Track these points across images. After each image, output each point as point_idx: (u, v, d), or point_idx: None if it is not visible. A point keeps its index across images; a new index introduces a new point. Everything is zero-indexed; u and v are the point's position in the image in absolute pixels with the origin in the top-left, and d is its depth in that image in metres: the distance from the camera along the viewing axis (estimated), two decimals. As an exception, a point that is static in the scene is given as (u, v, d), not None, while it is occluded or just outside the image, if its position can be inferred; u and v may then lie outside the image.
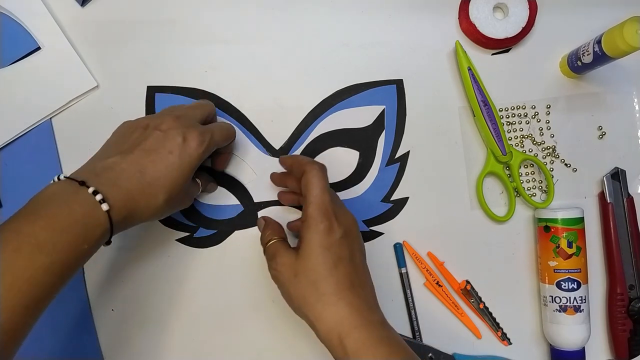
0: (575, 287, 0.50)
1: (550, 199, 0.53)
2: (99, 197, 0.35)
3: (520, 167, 0.54)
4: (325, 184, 0.42)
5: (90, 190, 0.35)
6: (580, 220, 0.51)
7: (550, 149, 0.55)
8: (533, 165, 0.55)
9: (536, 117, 0.55)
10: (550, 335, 0.51)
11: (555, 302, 0.50)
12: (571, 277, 0.50)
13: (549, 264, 0.51)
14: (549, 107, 0.55)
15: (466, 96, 0.53)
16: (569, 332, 0.50)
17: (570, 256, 0.50)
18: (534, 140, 0.55)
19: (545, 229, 0.51)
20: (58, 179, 0.37)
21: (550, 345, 0.52)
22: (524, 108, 0.55)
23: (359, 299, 0.40)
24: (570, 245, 0.50)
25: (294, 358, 0.52)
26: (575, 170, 0.55)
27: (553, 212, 0.51)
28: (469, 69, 0.52)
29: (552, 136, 0.55)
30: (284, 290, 0.42)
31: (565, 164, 0.55)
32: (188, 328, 0.52)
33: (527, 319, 0.54)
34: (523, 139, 0.55)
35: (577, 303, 0.50)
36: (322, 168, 0.43)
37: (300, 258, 0.41)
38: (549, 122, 0.55)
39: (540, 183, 0.55)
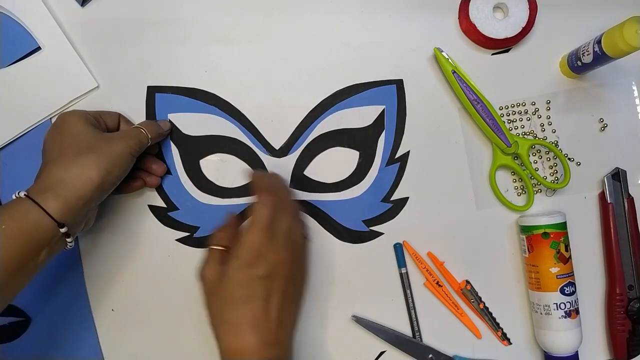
0: (573, 290, 0.50)
1: (567, 180, 0.52)
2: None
3: (529, 156, 0.54)
4: (266, 222, 0.42)
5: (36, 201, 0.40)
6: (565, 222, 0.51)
7: (553, 144, 0.55)
8: (541, 155, 0.55)
9: (536, 113, 0.55)
10: (549, 343, 0.50)
11: (561, 308, 0.49)
12: (571, 280, 0.50)
13: (551, 270, 0.50)
14: (548, 102, 0.55)
15: (459, 98, 0.53)
16: (568, 337, 0.50)
17: (568, 260, 0.50)
18: (536, 136, 0.55)
19: (544, 235, 0.50)
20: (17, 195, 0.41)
21: (545, 352, 0.52)
22: (524, 105, 0.55)
23: (258, 338, 0.40)
24: (567, 249, 0.50)
25: (293, 358, 0.52)
26: (579, 164, 0.55)
27: (552, 217, 0.50)
28: (454, 72, 0.52)
29: (554, 131, 0.55)
30: (202, 295, 0.44)
31: (569, 158, 0.55)
32: (188, 328, 0.52)
33: (527, 319, 0.54)
34: (525, 136, 0.55)
35: (576, 305, 0.50)
36: (272, 204, 0.43)
37: (220, 282, 0.42)
38: (549, 117, 0.55)
39: (551, 168, 0.55)
